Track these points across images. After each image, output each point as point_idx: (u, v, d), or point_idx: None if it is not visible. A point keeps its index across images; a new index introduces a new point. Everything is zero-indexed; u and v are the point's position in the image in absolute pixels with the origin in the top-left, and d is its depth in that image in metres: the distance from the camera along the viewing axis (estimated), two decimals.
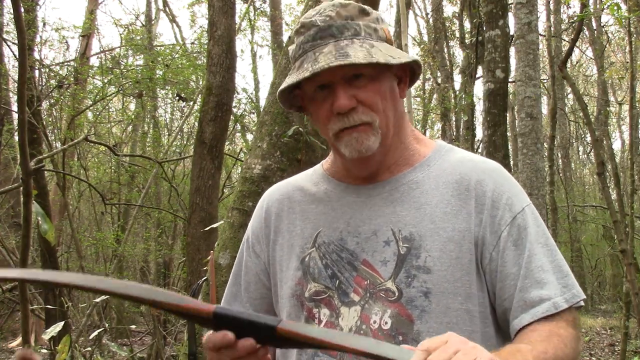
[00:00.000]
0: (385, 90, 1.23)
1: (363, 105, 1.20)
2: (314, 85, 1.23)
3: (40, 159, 5.79)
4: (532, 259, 1.19)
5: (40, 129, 7.02)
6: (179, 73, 10.05)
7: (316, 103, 1.25)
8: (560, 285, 1.18)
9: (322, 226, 1.30)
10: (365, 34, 1.22)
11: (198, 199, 5.98)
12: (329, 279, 1.25)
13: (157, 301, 0.96)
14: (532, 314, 1.16)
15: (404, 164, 1.30)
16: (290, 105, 1.35)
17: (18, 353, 1.00)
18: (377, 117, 1.21)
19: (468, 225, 1.21)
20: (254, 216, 1.44)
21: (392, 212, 1.25)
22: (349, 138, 1.21)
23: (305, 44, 1.23)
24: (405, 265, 1.20)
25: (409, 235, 1.21)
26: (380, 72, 1.22)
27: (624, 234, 6.69)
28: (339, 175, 1.35)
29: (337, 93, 1.20)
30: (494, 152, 5.65)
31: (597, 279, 17.40)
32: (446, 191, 1.24)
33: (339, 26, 1.21)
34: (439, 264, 1.19)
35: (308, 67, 1.18)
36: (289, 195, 1.39)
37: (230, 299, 1.43)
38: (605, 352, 9.70)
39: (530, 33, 5.73)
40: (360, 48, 1.18)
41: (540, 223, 1.25)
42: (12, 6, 2.17)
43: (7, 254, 7.86)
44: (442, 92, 13.19)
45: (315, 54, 1.20)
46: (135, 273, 13.15)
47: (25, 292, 2.26)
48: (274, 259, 1.35)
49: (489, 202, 1.22)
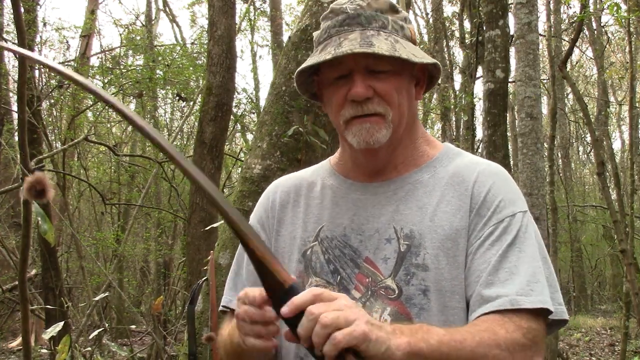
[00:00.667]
0: (403, 87, 1.24)
1: (379, 96, 1.21)
2: (335, 72, 1.23)
3: (40, 159, 5.79)
4: (503, 259, 1.15)
5: (40, 129, 7.02)
6: (180, 73, 10.06)
7: (333, 88, 1.25)
8: (528, 289, 1.12)
9: (325, 221, 1.30)
10: (392, 28, 1.23)
11: (198, 199, 5.99)
12: (330, 274, 1.25)
13: (251, 243, 0.98)
14: (485, 308, 1.11)
15: (411, 164, 1.30)
16: (305, 90, 1.35)
17: None
18: (391, 110, 1.22)
19: (463, 223, 1.21)
20: (259, 205, 1.43)
21: (396, 211, 1.25)
22: (359, 127, 1.22)
23: (332, 29, 1.24)
24: (404, 263, 1.20)
25: (409, 233, 1.22)
26: (401, 69, 1.23)
27: (624, 234, 6.69)
28: (345, 172, 1.35)
29: (355, 80, 1.20)
30: (494, 152, 5.65)
31: (597, 279, 17.40)
32: (448, 192, 1.24)
33: (368, 16, 1.22)
34: (437, 262, 1.19)
35: (331, 51, 1.19)
36: (295, 188, 1.39)
37: (230, 291, 1.40)
38: (605, 352, 9.70)
39: (530, 33, 5.73)
40: (386, 41, 1.19)
41: (531, 232, 1.20)
42: (12, 6, 2.17)
43: (7, 254, 7.86)
44: (442, 92, 13.19)
45: (340, 39, 1.20)
46: (135, 273, 13.16)
47: (25, 292, 2.26)
48: (277, 250, 1.35)
49: (482, 202, 1.21)
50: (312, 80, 1.33)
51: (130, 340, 8.63)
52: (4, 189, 6.15)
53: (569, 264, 15.64)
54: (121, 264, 10.90)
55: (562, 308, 1.19)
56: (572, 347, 10.09)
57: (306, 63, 1.24)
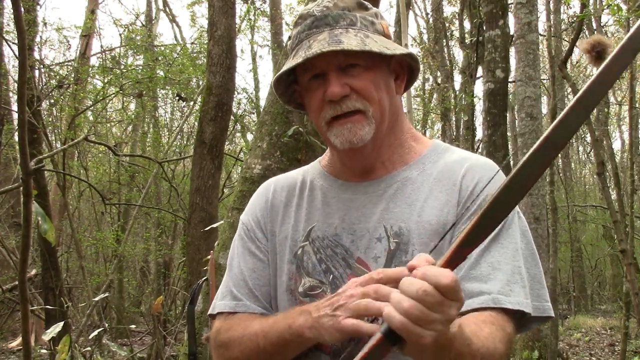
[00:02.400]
0: (380, 81, 1.23)
1: (357, 93, 1.20)
2: (308, 75, 1.23)
3: (40, 159, 5.79)
4: (486, 254, 1.14)
5: (40, 129, 7.02)
6: (182, 71, 10.06)
7: (310, 92, 1.25)
8: (508, 288, 1.12)
9: (316, 221, 1.30)
10: (361, 25, 1.23)
11: (198, 199, 5.99)
12: (322, 274, 1.25)
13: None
14: (467, 304, 1.08)
15: (399, 161, 1.30)
16: (289, 100, 1.35)
17: None
18: (371, 106, 1.21)
19: (451, 218, 1.20)
20: (253, 204, 1.42)
21: (385, 209, 1.24)
22: (341, 128, 1.21)
23: (302, 34, 1.24)
24: (394, 261, 1.19)
25: (398, 230, 1.21)
26: (375, 63, 1.22)
27: (624, 234, 6.68)
28: (335, 172, 1.35)
29: (330, 80, 1.20)
30: (494, 152, 5.65)
31: (597, 279, 17.40)
32: (436, 187, 1.24)
33: (335, 16, 1.22)
34: None
35: (302, 54, 1.19)
36: (287, 188, 1.39)
37: (226, 292, 1.36)
38: (605, 352, 9.70)
39: (530, 33, 5.73)
40: (355, 37, 1.19)
41: (516, 229, 1.19)
42: (12, 6, 2.17)
43: (7, 254, 7.86)
44: (442, 92, 13.19)
45: (309, 42, 1.21)
46: (135, 273, 13.16)
47: (25, 292, 2.26)
48: (273, 250, 1.34)
49: (467, 195, 1.20)
50: (294, 91, 1.33)
51: (130, 340, 8.64)
52: (4, 189, 6.15)
53: (569, 264, 15.64)
54: (121, 264, 10.90)
55: (547, 305, 1.19)
56: (572, 347, 10.09)
57: (281, 70, 1.23)
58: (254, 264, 1.35)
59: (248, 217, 1.40)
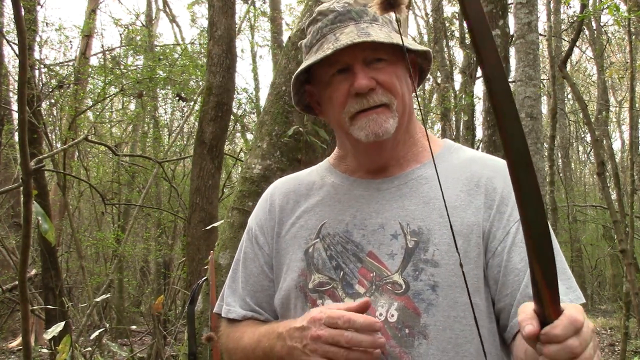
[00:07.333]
0: (402, 77, 1.25)
1: (382, 87, 1.21)
2: (332, 70, 1.23)
3: (41, 159, 5.78)
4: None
5: (40, 128, 7.02)
6: (184, 71, 10.06)
7: (332, 87, 1.24)
8: (564, 287, 1.14)
9: (327, 218, 1.30)
10: (382, 21, 1.25)
11: (198, 199, 5.99)
12: (333, 270, 1.25)
13: None
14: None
15: (413, 160, 1.30)
16: (298, 101, 1.35)
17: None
18: (395, 99, 1.22)
19: (477, 219, 1.20)
20: (258, 208, 1.43)
21: (401, 207, 1.24)
22: (366, 120, 1.21)
23: (324, 29, 1.25)
24: (413, 259, 1.19)
25: (417, 229, 1.21)
26: (398, 59, 1.24)
27: (624, 234, 6.68)
28: (347, 169, 1.35)
29: (357, 73, 1.20)
30: (494, 152, 5.65)
31: (597, 279, 17.39)
32: (455, 186, 1.24)
33: (358, 11, 1.24)
34: (447, 257, 1.17)
35: (329, 47, 1.19)
36: (294, 188, 1.39)
37: (228, 294, 1.41)
38: (605, 352, 9.69)
39: (530, 33, 5.73)
40: (380, 31, 1.21)
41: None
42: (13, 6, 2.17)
43: (7, 254, 7.87)
44: (442, 92, 13.19)
45: (335, 35, 1.21)
46: (135, 273, 13.16)
47: (25, 292, 2.26)
48: (278, 252, 1.34)
49: (499, 198, 1.21)
50: (304, 91, 1.33)
51: (130, 340, 8.64)
52: (4, 189, 6.15)
53: (569, 264, 15.65)
54: (121, 264, 10.90)
55: (580, 291, 1.20)
56: None
57: (303, 64, 1.23)
58: (253, 269, 1.38)
59: (253, 221, 1.42)
